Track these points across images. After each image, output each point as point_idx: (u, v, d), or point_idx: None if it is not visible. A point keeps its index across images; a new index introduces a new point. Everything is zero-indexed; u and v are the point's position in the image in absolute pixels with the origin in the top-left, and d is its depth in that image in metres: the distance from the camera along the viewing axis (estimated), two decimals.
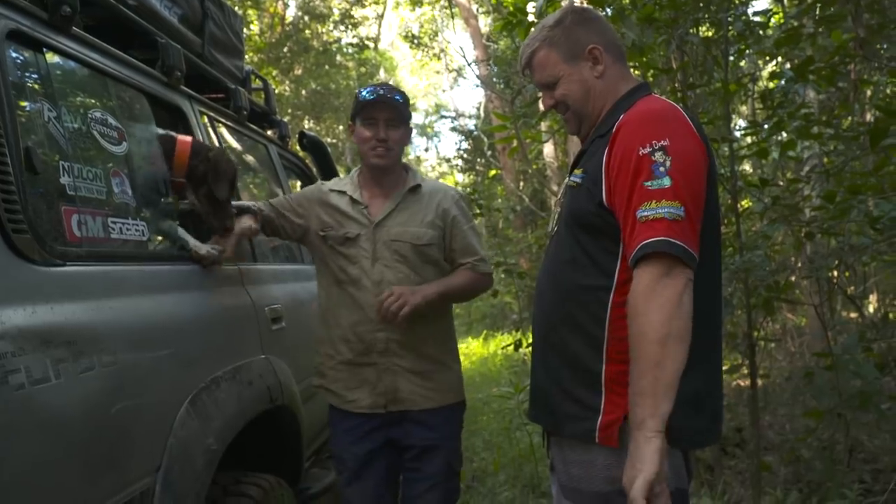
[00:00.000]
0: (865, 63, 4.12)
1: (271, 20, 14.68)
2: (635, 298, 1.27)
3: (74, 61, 1.59)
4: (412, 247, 2.10)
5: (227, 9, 2.74)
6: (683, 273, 1.26)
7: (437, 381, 2.13)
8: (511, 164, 12.55)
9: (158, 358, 1.51)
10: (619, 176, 1.34)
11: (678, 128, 1.35)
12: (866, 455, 3.83)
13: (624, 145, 1.34)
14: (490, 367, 8.07)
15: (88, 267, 1.39)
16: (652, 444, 1.22)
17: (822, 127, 3.37)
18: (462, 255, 2.18)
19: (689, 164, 1.31)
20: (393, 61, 24.61)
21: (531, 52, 1.58)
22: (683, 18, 3.06)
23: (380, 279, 2.07)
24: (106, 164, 1.57)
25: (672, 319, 1.22)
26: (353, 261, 2.10)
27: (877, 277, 5.84)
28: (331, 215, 2.16)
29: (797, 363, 5.94)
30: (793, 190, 3.71)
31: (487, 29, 14.17)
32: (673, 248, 1.24)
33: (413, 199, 2.17)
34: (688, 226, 1.27)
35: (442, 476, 2.12)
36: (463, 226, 2.19)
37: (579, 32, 1.53)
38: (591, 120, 1.55)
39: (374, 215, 2.13)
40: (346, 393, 2.12)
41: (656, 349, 1.22)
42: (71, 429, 1.20)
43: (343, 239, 2.12)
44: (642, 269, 1.27)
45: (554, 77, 1.55)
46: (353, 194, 2.16)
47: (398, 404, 2.09)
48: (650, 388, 1.23)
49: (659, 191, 1.27)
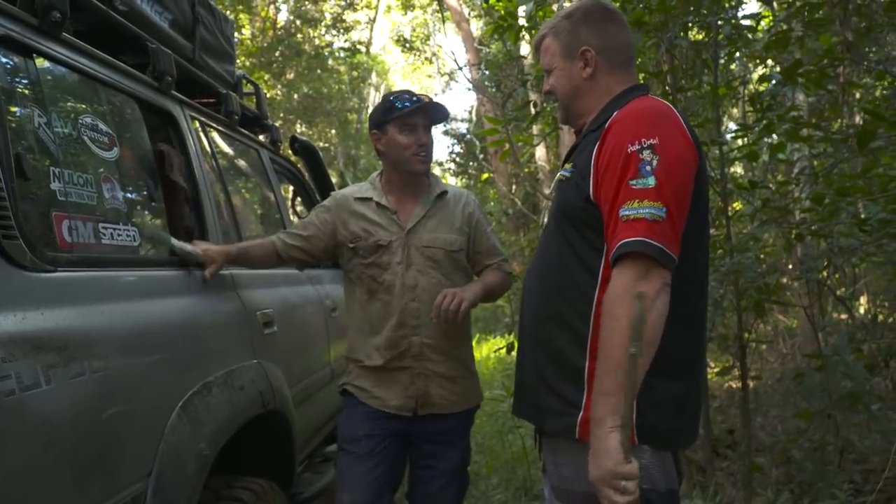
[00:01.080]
0: (853, 66, 4.16)
1: (263, 24, 14.68)
2: (609, 299, 1.28)
3: (65, 67, 1.59)
4: (445, 253, 2.13)
5: (218, 13, 2.74)
6: (660, 276, 1.26)
7: (463, 385, 2.17)
8: (503, 168, 12.58)
9: (150, 363, 1.51)
10: (606, 171, 1.34)
11: (669, 127, 1.35)
12: (857, 455, 3.85)
13: (614, 141, 1.35)
14: (483, 370, 8.06)
15: (79, 273, 1.39)
16: (612, 439, 1.23)
17: (811, 129, 3.40)
18: (488, 256, 2.24)
19: (676, 165, 1.32)
20: (385, 65, 24.62)
21: (541, 36, 1.62)
22: (673, 22, 3.08)
23: (414, 284, 2.09)
24: (97, 170, 1.57)
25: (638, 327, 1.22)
26: (386, 267, 2.11)
27: (867, 279, 5.87)
28: (358, 225, 2.15)
29: (788, 365, 5.97)
30: (782, 192, 3.73)
31: (479, 32, 14.20)
32: (649, 248, 1.24)
33: (441, 206, 2.20)
34: (668, 227, 1.27)
35: (457, 471, 2.18)
36: (486, 228, 2.25)
37: (581, 31, 1.54)
38: (577, 116, 1.58)
39: (405, 221, 2.15)
40: (373, 389, 2.13)
41: (622, 353, 1.22)
42: (62, 435, 1.20)
43: (375, 247, 2.12)
44: (619, 270, 1.28)
45: (550, 66, 1.58)
46: (380, 200, 2.17)
47: (429, 408, 2.12)
48: (613, 388, 1.24)
49: (642, 190, 1.27)
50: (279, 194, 3.20)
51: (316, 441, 2.93)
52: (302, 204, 3.84)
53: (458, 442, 2.20)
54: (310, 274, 2.92)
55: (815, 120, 3.60)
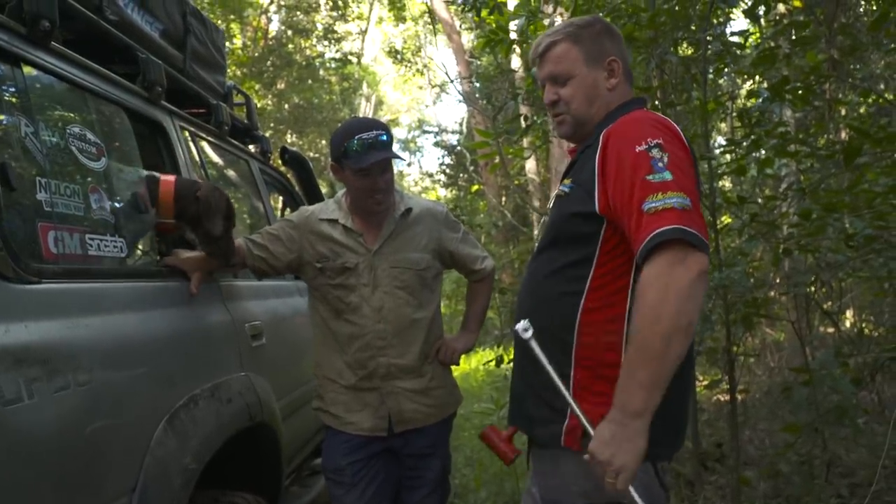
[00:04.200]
0: (839, 83, 4.21)
1: (254, 34, 14.68)
2: (647, 287, 1.23)
3: (53, 76, 1.58)
4: (412, 272, 2.13)
5: (209, 24, 2.74)
6: (698, 261, 1.22)
7: (436, 396, 2.18)
8: (493, 180, 12.62)
9: (135, 376, 1.49)
10: (617, 175, 1.33)
11: (669, 133, 1.36)
12: (843, 469, 3.86)
13: (618, 146, 1.35)
14: (472, 382, 8.04)
15: (65, 284, 1.37)
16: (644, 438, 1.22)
17: (798, 145, 3.43)
18: (470, 262, 2.28)
19: (683, 162, 1.33)
20: (376, 76, 24.67)
21: (551, 42, 1.55)
22: (663, 38, 3.10)
23: (380, 306, 2.09)
24: (84, 180, 1.56)
25: (681, 313, 1.19)
26: (352, 289, 2.10)
27: (853, 293, 5.92)
28: (325, 246, 2.13)
29: (775, 378, 5.99)
30: (770, 207, 3.76)
31: (470, 45, 14.27)
32: (686, 235, 1.21)
33: (406, 224, 2.18)
34: (696, 215, 1.26)
35: (439, 480, 2.21)
36: (457, 241, 2.25)
37: (605, 42, 1.55)
38: (587, 126, 1.54)
39: (370, 243, 2.13)
40: (345, 415, 2.14)
41: (662, 343, 1.19)
42: (44, 449, 1.18)
43: (342, 269, 2.10)
44: (655, 258, 1.23)
45: (568, 73, 1.53)
46: (346, 222, 2.14)
47: (405, 424, 2.13)
48: (647, 380, 1.21)
49: (662, 183, 1.26)
50: (269, 205, 3.19)
51: (303, 454, 2.91)
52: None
53: (437, 452, 2.22)
54: (299, 285, 2.91)
55: (801, 136, 3.64)
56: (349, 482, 2.11)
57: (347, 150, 2.00)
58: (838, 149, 3.24)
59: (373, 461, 2.13)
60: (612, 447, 1.23)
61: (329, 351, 2.16)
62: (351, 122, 2.19)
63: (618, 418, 1.24)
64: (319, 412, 2.23)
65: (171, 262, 1.87)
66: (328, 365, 2.17)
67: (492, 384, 7.04)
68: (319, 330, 2.20)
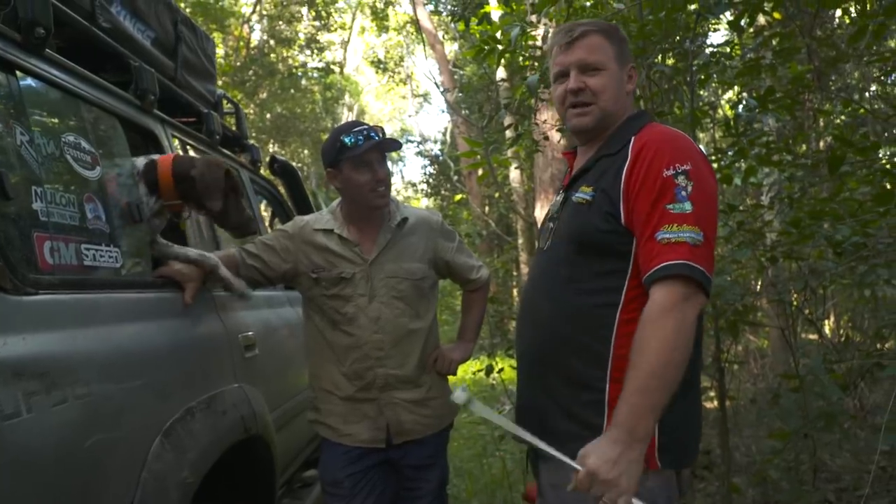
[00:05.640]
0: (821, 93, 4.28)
1: (236, 44, 14.63)
2: (652, 316, 1.27)
3: (47, 84, 1.55)
4: (409, 282, 2.11)
5: (200, 32, 2.72)
6: (698, 302, 1.28)
7: (434, 407, 2.16)
8: (477, 189, 12.64)
9: (133, 389, 1.46)
10: (640, 195, 1.35)
11: (697, 154, 1.38)
12: (829, 475, 3.90)
13: (647, 165, 1.36)
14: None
15: (61, 295, 1.34)
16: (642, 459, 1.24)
17: (782, 154, 3.48)
18: (466, 272, 2.28)
19: (707, 191, 1.34)
20: (358, 86, 24.69)
21: (585, 30, 1.52)
22: (651, 48, 3.14)
23: (377, 316, 2.07)
24: (79, 190, 1.53)
25: (681, 346, 1.25)
26: (348, 299, 2.08)
27: (834, 300, 6.00)
28: (321, 256, 2.11)
29: (760, 385, 6.05)
30: (755, 215, 3.80)
31: (452, 55, 14.34)
32: (694, 272, 1.26)
33: (402, 234, 2.16)
34: (707, 252, 1.30)
35: (437, 492, 2.19)
36: (453, 250, 2.24)
37: (627, 49, 1.57)
38: (605, 124, 1.52)
39: (367, 253, 2.11)
40: (342, 426, 2.12)
41: (675, 372, 1.24)
42: (43, 464, 1.15)
43: (338, 279, 2.09)
44: (661, 289, 1.28)
45: (601, 64, 1.50)
46: (341, 232, 2.12)
47: (404, 436, 2.11)
48: (659, 406, 1.24)
49: (681, 215, 1.29)
50: (258, 214, 3.16)
51: (295, 466, 2.88)
52: (280, 224, 3.80)
53: (436, 462, 2.21)
54: (289, 295, 2.89)
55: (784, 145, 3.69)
56: (347, 494, 2.09)
57: (343, 144, 2.02)
58: (822, 158, 3.29)
59: (371, 473, 2.11)
60: (620, 467, 1.21)
61: (325, 362, 2.13)
62: (342, 124, 2.21)
63: (625, 439, 1.23)
64: (316, 424, 2.20)
65: (165, 272, 1.85)
66: (325, 376, 2.14)
67: (479, 393, 7.03)
68: (314, 341, 2.17)
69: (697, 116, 3.24)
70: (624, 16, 3.32)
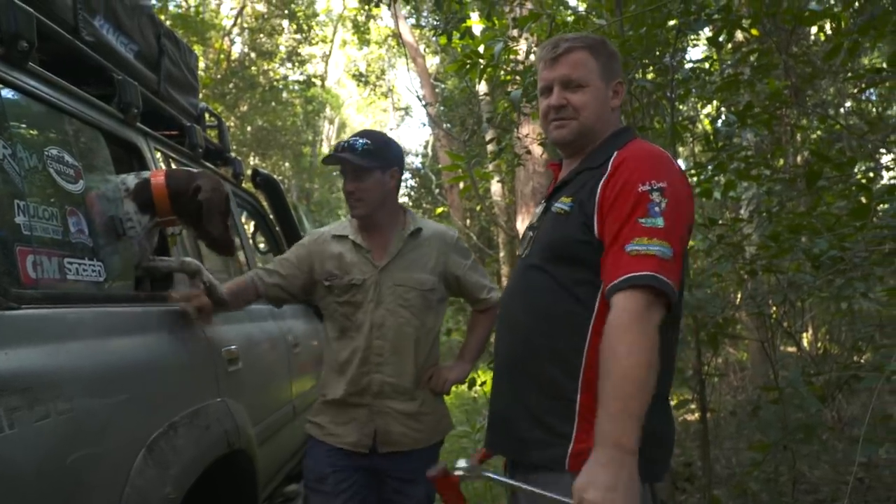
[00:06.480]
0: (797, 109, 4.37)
1: (217, 56, 14.58)
2: (618, 320, 1.27)
3: (31, 97, 1.55)
4: (417, 292, 2.11)
5: (183, 45, 2.72)
6: (659, 313, 1.28)
7: (426, 421, 2.15)
8: (458, 202, 12.66)
9: (116, 404, 1.45)
10: (613, 206, 1.36)
11: (675, 174, 1.40)
12: (808, 486, 3.93)
13: (624, 178, 1.37)
14: None
15: (44, 310, 1.33)
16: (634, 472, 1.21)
17: (760, 168, 3.54)
18: (477, 291, 2.26)
19: (681, 210, 1.35)
20: (339, 99, 24.71)
21: (570, 46, 1.52)
22: (632, 64, 3.19)
23: (381, 322, 2.08)
24: (62, 203, 1.52)
25: (649, 348, 1.24)
26: (359, 306, 2.09)
27: (812, 313, 6.09)
28: (333, 263, 2.14)
29: (740, 397, 6.10)
30: (734, 229, 3.86)
31: (434, 69, 14.41)
32: (663, 284, 1.26)
33: (415, 244, 2.18)
34: (675, 267, 1.30)
35: None
36: (465, 267, 2.23)
37: (615, 64, 1.57)
38: (586, 140, 1.54)
39: (378, 259, 2.13)
40: (329, 426, 2.11)
41: (644, 373, 1.22)
42: (25, 480, 1.13)
43: (349, 286, 2.10)
44: (625, 297, 1.27)
45: (584, 81, 1.51)
46: (356, 239, 2.15)
47: (390, 446, 2.09)
48: (638, 409, 1.21)
49: (652, 229, 1.30)
50: (241, 227, 3.15)
51: (278, 480, 2.85)
52: (263, 237, 3.78)
53: (422, 479, 2.16)
54: (272, 309, 2.87)
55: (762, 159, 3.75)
56: (330, 491, 2.06)
57: None
58: (800, 173, 3.35)
59: (356, 475, 2.09)
60: (619, 492, 1.18)
61: (331, 371, 2.15)
62: None
63: (615, 457, 1.20)
64: (306, 425, 2.20)
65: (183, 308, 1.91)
66: (327, 384, 2.15)
67: (461, 406, 7.01)
68: (326, 351, 2.19)
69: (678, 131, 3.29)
70: (605, 31, 3.37)
